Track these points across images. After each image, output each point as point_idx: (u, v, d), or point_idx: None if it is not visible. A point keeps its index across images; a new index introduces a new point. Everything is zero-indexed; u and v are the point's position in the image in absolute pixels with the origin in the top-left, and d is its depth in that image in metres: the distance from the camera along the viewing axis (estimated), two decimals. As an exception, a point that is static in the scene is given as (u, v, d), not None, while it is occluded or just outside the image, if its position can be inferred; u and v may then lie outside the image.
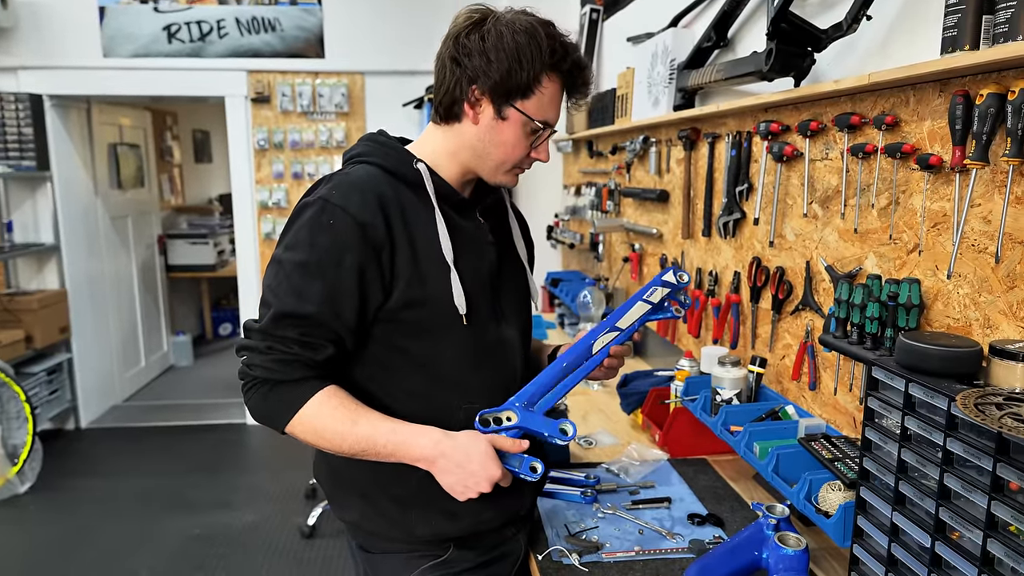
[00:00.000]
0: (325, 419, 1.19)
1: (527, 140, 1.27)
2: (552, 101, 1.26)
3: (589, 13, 3.63)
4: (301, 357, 1.18)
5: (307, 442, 1.22)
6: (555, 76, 1.24)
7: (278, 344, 1.18)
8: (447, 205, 1.29)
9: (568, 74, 1.26)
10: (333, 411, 1.19)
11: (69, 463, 4.34)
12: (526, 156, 1.30)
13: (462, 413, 1.28)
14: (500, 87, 1.21)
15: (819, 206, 1.75)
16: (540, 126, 1.26)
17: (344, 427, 1.19)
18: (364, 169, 1.26)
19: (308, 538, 3.45)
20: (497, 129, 1.25)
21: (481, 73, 1.21)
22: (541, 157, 1.31)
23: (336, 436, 1.20)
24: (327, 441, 1.21)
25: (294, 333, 1.17)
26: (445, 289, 1.23)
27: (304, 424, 1.20)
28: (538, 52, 1.20)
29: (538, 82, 1.22)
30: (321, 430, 1.20)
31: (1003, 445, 0.95)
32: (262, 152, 4.70)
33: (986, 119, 1.19)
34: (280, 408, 1.20)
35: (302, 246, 1.19)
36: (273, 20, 4.56)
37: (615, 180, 3.27)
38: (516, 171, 1.33)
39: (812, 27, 1.64)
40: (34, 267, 4.71)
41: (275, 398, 1.20)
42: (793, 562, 1.25)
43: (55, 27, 4.42)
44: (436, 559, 1.33)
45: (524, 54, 1.20)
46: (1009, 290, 1.22)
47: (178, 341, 6.30)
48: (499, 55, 1.19)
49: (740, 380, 1.86)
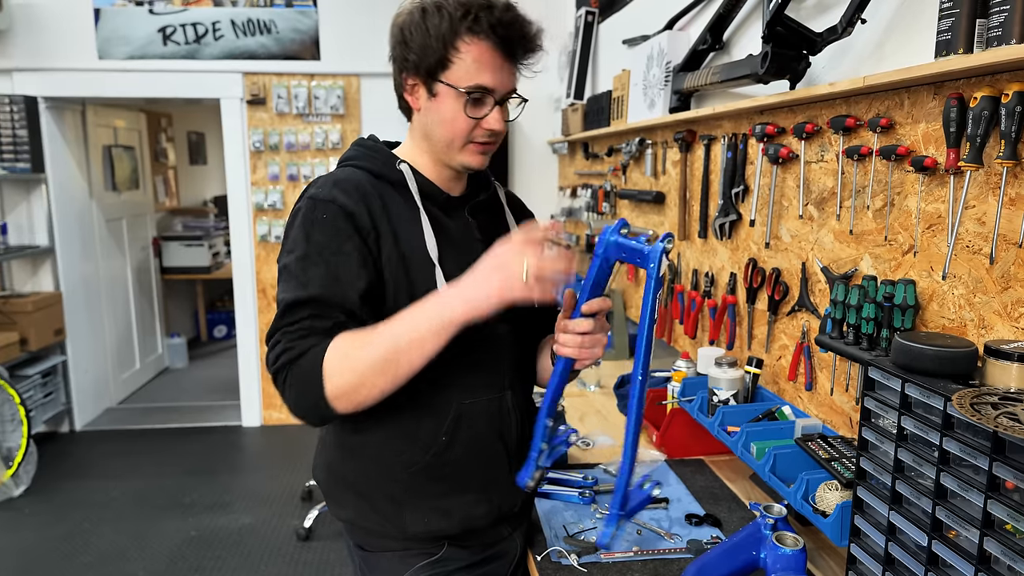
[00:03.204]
0: (349, 350, 1.12)
1: (469, 111, 1.22)
2: (480, 64, 1.20)
3: (585, 15, 3.64)
4: (312, 328, 1.15)
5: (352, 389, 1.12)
6: (475, 38, 1.19)
7: (289, 328, 1.16)
8: (432, 204, 1.30)
9: (494, 32, 1.19)
10: (350, 339, 1.13)
11: (64, 466, 4.32)
12: (474, 128, 1.24)
13: (452, 409, 1.28)
14: (421, 66, 1.21)
15: (815, 208, 1.76)
16: (474, 92, 1.21)
17: (367, 340, 1.12)
18: (349, 171, 1.29)
19: (305, 540, 3.45)
20: (434, 108, 1.25)
21: (403, 59, 1.23)
22: (492, 126, 1.24)
23: (366, 353, 1.11)
24: (365, 363, 1.11)
25: (303, 313, 1.16)
26: (430, 287, 1.24)
27: (336, 369, 1.11)
28: (447, 20, 1.18)
29: (455, 49, 1.19)
30: (353, 359, 1.11)
31: (999, 444, 0.96)
32: (257, 154, 4.69)
33: (980, 122, 1.20)
34: (308, 374, 1.13)
35: (300, 243, 1.20)
36: (268, 22, 4.56)
37: (611, 182, 3.28)
38: (474, 148, 1.27)
39: (807, 30, 1.65)
40: (29, 269, 4.69)
41: (298, 373, 1.14)
42: (791, 562, 1.26)
43: (50, 29, 4.41)
44: (430, 557, 1.34)
45: (432, 25, 1.19)
46: (1003, 291, 1.24)
47: (173, 343, 6.28)
48: (412, 35, 1.21)
49: (737, 381, 1.87)
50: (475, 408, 1.30)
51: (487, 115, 1.24)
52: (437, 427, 1.28)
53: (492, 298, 1.09)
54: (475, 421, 1.30)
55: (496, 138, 1.28)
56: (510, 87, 1.25)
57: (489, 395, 1.32)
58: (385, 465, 1.29)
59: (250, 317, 4.85)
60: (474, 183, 1.41)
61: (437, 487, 1.30)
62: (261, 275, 4.82)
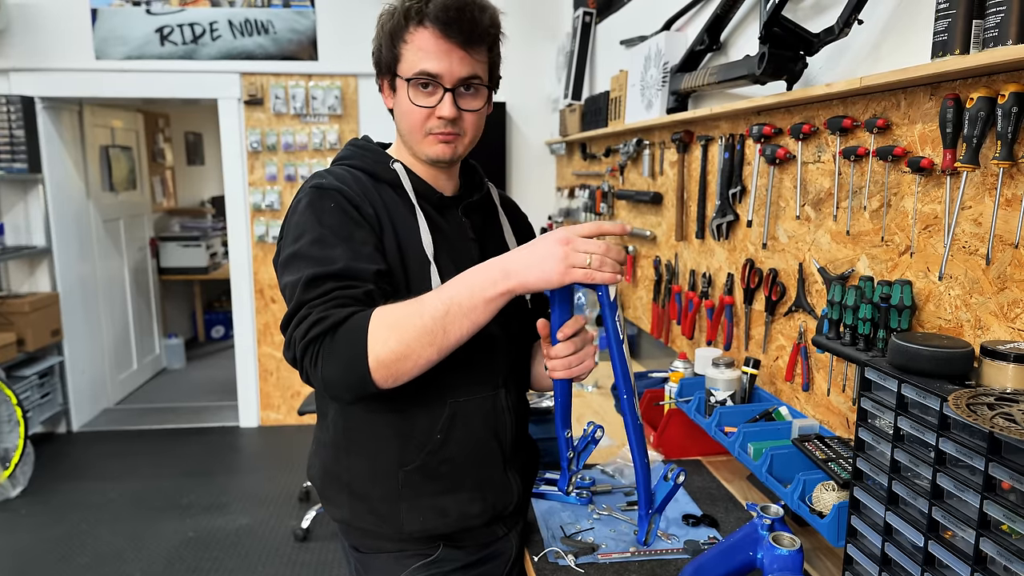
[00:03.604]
0: (397, 313, 1.08)
1: (417, 98, 1.23)
2: (424, 51, 1.21)
3: (582, 16, 3.65)
4: (346, 297, 1.11)
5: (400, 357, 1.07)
6: (419, 28, 1.21)
7: (319, 301, 1.10)
8: (426, 203, 1.31)
9: (437, 20, 1.19)
10: (397, 306, 1.09)
11: (61, 467, 4.32)
12: (428, 118, 1.25)
13: (448, 408, 1.28)
14: (382, 67, 1.28)
15: (812, 208, 1.77)
16: (419, 78, 1.22)
17: (415, 307, 1.08)
18: (345, 170, 1.30)
19: (302, 541, 3.44)
20: (397, 103, 1.29)
21: (376, 64, 1.30)
22: (441, 113, 1.23)
23: (416, 317, 1.07)
24: (415, 329, 1.06)
25: (330, 285, 1.11)
26: (424, 283, 1.24)
27: (384, 332, 1.06)
28: (389, 17, 1.24)
29: (403, 42, 1.23)
30: (401, 323, 1.07)
31: (995, 445, 0.96)
32: (255, 154, 4.69)
33: (976, 122, 1.21)
34: (352, 340, 1.07)
35: (311, 228, 1.17)
36: (266, 22, 4.55)
37: (608, 182, 3.28)
38: (433, 138, 1.26)
39: (804, 31, 1.65)
40: (25, 270, 4.69)
41: (340, 340, 1.07)
42: (787, 562, 1.26)
43: (47, 29, 4.40)
44: (426, 558, 1.33)
45: (384, 27, 1.25)
46: (1000, 291, 1.24)
47: (170, 344, 6.28)
48: (375, 41, 1.29)
49: (734, 381, 1.87)
50: (470, 406, 1.30)
51: (439, 103, 1.24)
52: (432, 425, 1.28)
53: (556, 275, 1.05)
54: (470, 419, 1.30)
55: (456, 127, 1.26)
56: (462, 74, 1.23)
57: (484, 393, 1.32)
58: (379, 464, 1.29)
59: (248, 318, 4.85)
60: (467, 184, 1.41)
61: (432, 485, 1.30)
62: (259, 275, 4.81)
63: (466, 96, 1.26)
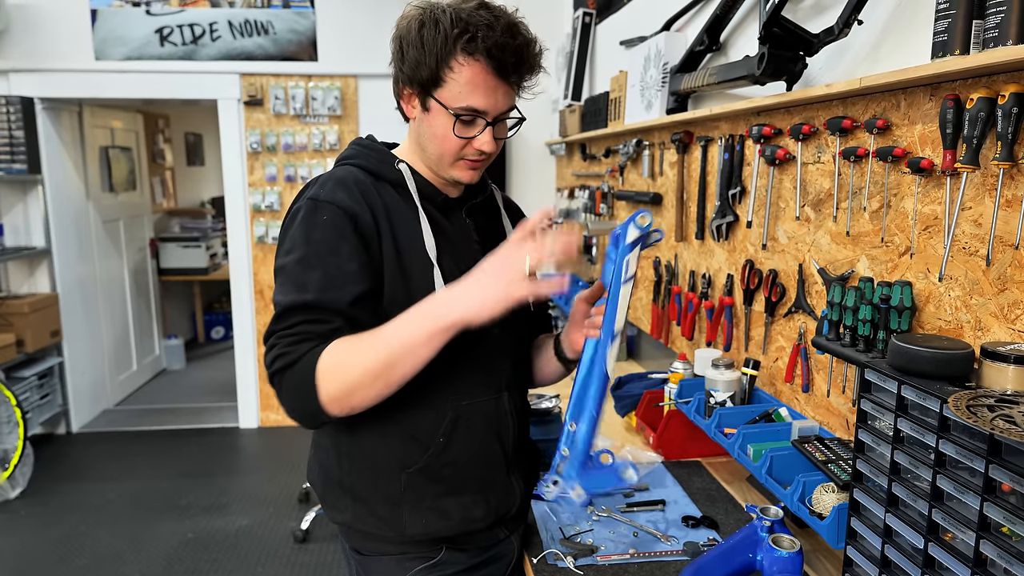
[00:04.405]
0: (343, 356, 1.10)
1: (460, 130, 1.21)
2: (473, 86, 1.17)
3: (582, 17, 3.64)
4: (306, 333, 1.14)
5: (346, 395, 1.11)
6: (470, 59, 1.16)
7: (286, 332, 1.15)
8: (430, 204, 1.30)
9: (489, 55, 1.15)
10: (345, 345, 1.12)
11: (60, 468, 4.31)
12: (465, 147, 1.23)
13: (451, 411, 1.28)
14: (415, 79, 1.20)
15: (811, 209, 1.76)
16: (465, 114, 1.19)
17: (361, 347, 1.11)
18: (347, 170, 1.28)
19: (302, 542, 3.44)
20: (427, 122, 1.24)
21: (400, 68, 1.22)
22: (483, 147, 1.23)
23: (360, 360, 1.09)
24: (358, 371, 1.09)
25: (299, 318, 1.15)
26: (428, 286, 1.23)
27: (330, 375, 1.10)
28: (442, 37, 1.15)
29: (448, 68, 1.17)
30: (346, 367, 1.10)
31: (995, 447, 0.96)
32: (255, 155, 4.68)
33: (976, 123, 1.20)
34: (302, 380, 1.11)
35: (299, 245, 1.19)
36: (266, 23, 4.55)
37: (608, 183, 3.28)
38: (465, 164, 1.26)
39: (804, 31, 1.65)
40: (25, 271, 4.68)
41: (293, 377, 1.12)
42: (787, 564, 1.26)
43: (46, 30, 4.40)
44: (428, 561, 1.33)
45: (427, 41, 1.16)
46: (1000, 292, 1.23)
47: (170, 345, 6.27)
48: (408, 47, 1.19)
49: (734, 382, 1.87)
50: (473, 409, 1.30)
51: (478, 136, 1.22)
52: (435, 428, 1.27)
53: (497, 300, 1.06)
54: (473, 422, 1.30)
55: (487, 157, 1.26)
56: (504, 108, 1.22)
57: (487, 396, 1.31)
58: (382, 466, 1.29)
59: (247, 318, 4.84)
60: (471, 185, 1.41)
61: (435, 488, 1.30)
62: (259, 276, 4.81)
63: (500, 126, 1.25)
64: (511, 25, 1.18)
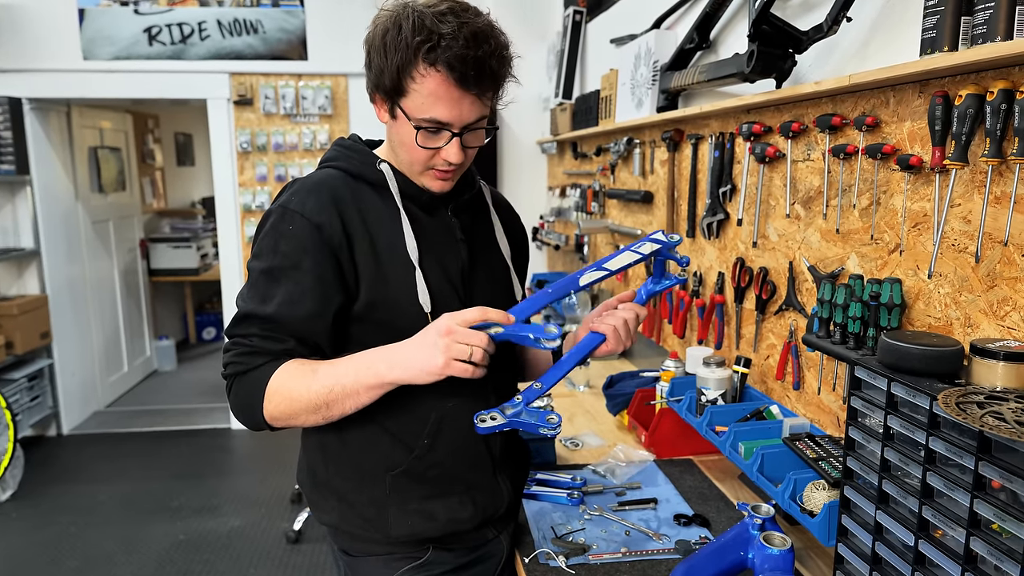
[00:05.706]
0: (290, 382, 1.16)
1: (424, 141, 1.18)
2: (436, 97, 1.13)
3: (572, 15, 3.64)
4: (260, 348, 1.19)
5: (287, 418, 1.18)
6: (431, 69, 1.11)
7: (242, 340, 1.20)
8: (414, 204, 1.29)
9: (450, 67, 1.10)
10: (295, 370, 1.17)
11: (51, 470, 4.29)
12: (433, 157, 1.21)
13: (435, 413, 1.27)
14: (379, 86, 1.18)
15: (801, 207, 1.76)
16: (427, 126, 1.16)
17: (307, 379, 1.16)
18: (325, 173, 1.28)
19: (294, 543, 3.43)
20: (395, 129, 1.22)
21: (367, 73, 1.21)
22: (450, 159, 1.19)
23: (304, 391, 1.15)
24: (301, 401, 1.15)
25: (255, 329, 1.19)
26: (410, 289, 1.23)
27: (275, 397, 1.17)
28: (403, 45, 1.11)
29: (410, 78, 1.13)
30: (290, 393, 1.16)
31: (985, 443, 0.96)
32: (245, 155, 4.66)
33: (965, 120, 1.20)
34: (250, 393, 1.18)
35: (266, 253, 1.21)
36: (255, 22, 4.53)
37: (599, 181, 3.27)
38: (435, 173, 1.24)
39: (793, 29, 1.65)
40: (14, 272, 4.65)
41: (242, 388, 1.19)
42: (778, 561, 1.26)
43: (34, 30, 4.37)
44: (415, 561, 1.33)
45: (389, 49, 1.12)
46: (989, 289, 1.23)
47: (161, 345, 6.24)
48: (374, 54, 1.17)
49: (725, 380, 1.87)
50: (458, 410, 1.29)
51: (444, 147, 1.20)
52: (419, 429, 1.27)
53: (432, 374, 1.12)
54: (457, 424, 1.29)
55: (457, 167, 1.24)
56: (471, 118, 1.18)
57: (472, 397, 1.30)
58: (367, 468, 1.28)
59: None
60: (459, 181, 1.39)
61: (420, 489, 1.29)
62: (249, 276, 4.79)
63: (469, 135, 1.21)
64: (475, 33, 1.11)
